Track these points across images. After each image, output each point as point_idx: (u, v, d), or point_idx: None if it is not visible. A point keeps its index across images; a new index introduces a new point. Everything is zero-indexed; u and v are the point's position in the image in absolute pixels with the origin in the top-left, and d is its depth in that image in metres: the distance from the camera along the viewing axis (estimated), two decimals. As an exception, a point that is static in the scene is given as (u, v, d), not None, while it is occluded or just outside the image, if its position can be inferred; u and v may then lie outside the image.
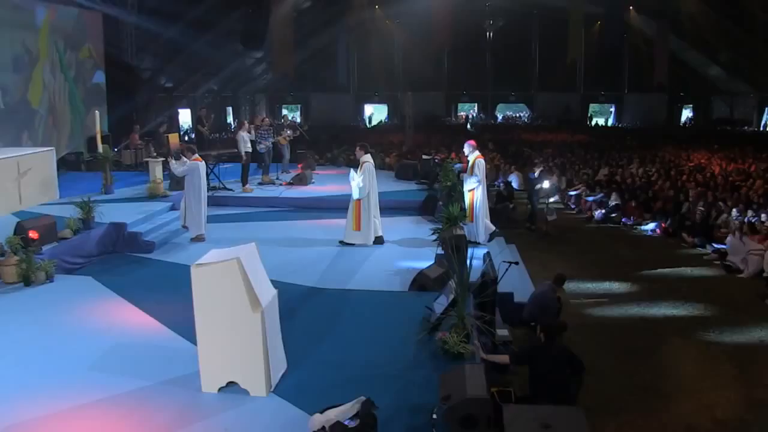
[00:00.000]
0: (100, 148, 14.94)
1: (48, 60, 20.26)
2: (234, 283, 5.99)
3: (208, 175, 16.00)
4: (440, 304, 8.00)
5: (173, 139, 17.49)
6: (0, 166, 13.09)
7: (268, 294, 6.34)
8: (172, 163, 13.55)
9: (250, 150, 16.50)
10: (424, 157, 18.76)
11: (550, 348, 6.90)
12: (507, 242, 14.36)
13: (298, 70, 38.35)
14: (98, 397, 6.34)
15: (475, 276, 8.87)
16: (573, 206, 20.29)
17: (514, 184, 22.57)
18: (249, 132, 16.65)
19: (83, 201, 11.76)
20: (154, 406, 6.16)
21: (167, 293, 9.37)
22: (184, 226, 12.85)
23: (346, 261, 11.39)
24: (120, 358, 7.26)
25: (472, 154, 12.76)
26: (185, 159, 13.13)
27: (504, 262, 9.22)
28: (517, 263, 10.55)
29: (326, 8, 36.76)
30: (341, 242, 12.34)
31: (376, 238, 12.42)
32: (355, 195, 12.22)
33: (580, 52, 39.72)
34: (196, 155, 12.97)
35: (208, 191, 15.50)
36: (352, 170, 12.45)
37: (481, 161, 12.70)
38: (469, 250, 10.27)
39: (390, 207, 15.16)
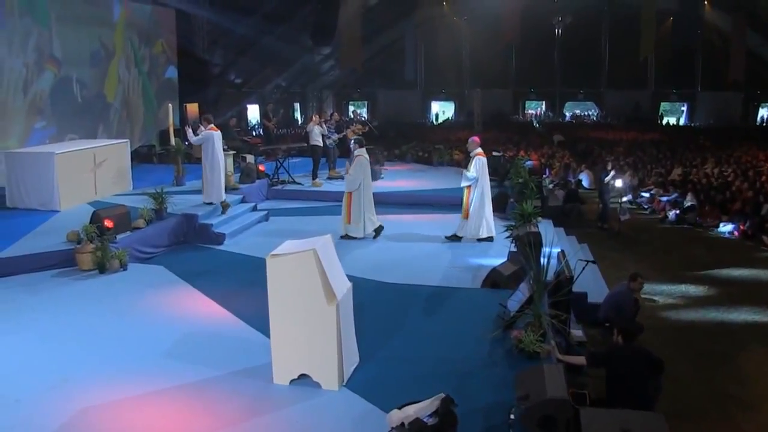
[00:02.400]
0: (173, 141, 15.13)
1: (123, 55, 20.74)
2: (309, 275, 5.90)
3: (277, 168, 16.20)
4: (515, 301, 7.79)
5: (192, 108, 17.40)
6: (77, 157, 13.44)
7: (343, 286, 6.24)
8: (189, 132, 13.52)
9: (321, 144, 16.51)
10: (493, 153, 18.43)
11: (629, 350, 6.66)
12: (579, 242, 14.05)
13: (366, 66, 38.40)
14: (170, 384, 6.37)
15: (549, 274, 8.63)
16: (646, 206, 19.73)
17: (585, 183, 22.14)
18: (320, 126, 16.65)
19: (156, 192, 11.92)
20: (225, 395, 6.14)
21: (238, 284, 9.41)
22: (207, 203, 12.93)
23: (415, 256, 11.23)
24: (191, 346, 7.28)
25: (473, 151, 12.40)
26: (202, 128, 13.24)
27: (581, 260, 8.93)
28: (594, 262, 10.25)
29: (394, 4, 36.65)
30: (343, 237, 12.20)
31: (375, 229, 12.31)
32: (346, 187, 12.21)
33: (651, 48, 38.58)
34: (212, 125, 13.15)
35: (277, 185, 15.73)
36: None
37: (481, 159, 12.24)
38: (543, 249, 10.06)
39: (456, 203, 14.89)
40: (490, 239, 12.15)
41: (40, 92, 17.10)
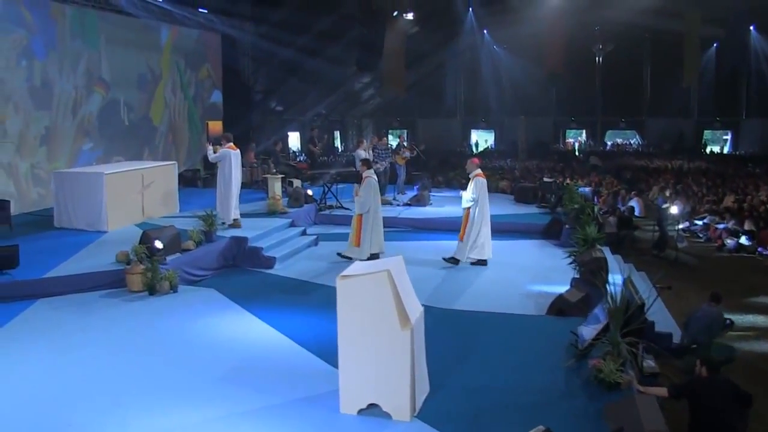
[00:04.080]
0: (219, 164, 14.99)
1: (169, 79, 20.80)
2: (383, 297, 5.54)
3: (325, 193, 15.95)
4: (588, 329, 7.36)
5: (214, 126, 17.24)
6: (126, 178, 13.34)
7: (415, 310, 5.87)
8: (210, 149, 13.42)
9: (368, 168, 16.21)
10: (545, 179, 18.08)
11: (714, 382, 6.20)
12: (636, 269, 13.53)
13: (406, 93, 38.24)
14: (229, 411, 6.04)
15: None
16: (701, 234, 19.08)
17: (636, 211, 21.54)
18: (367, 151, 16.37)
19: (207, 214, 11.71)
20: (289, 425, 5.78)
21: (292, 309, 9.13)
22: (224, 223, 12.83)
23: (474, 282, 10.84)
24: (249, 372, 6.95)
25: (472, 172, 11.99)
26: (219, 147, 13.18)
27: (657, 286, 8.46)
28: (670, 288, 9.77)
29: (435, 32, 36.55)
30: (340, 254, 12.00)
31: (371, 254, 11.85)
32: (356, 209, 11.95)
33: (695, 76, 37.86)
34: (231, 143, 13.16)
35: (324, 210, 15.47)
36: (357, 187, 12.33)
37: (481, 180, 11.86)
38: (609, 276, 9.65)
39: (511, 230, 14.68)
40: (483, 263, 11.78)
41: (89, 115, 17.14)
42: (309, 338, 7.71)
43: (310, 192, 15.81)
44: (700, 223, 19.57)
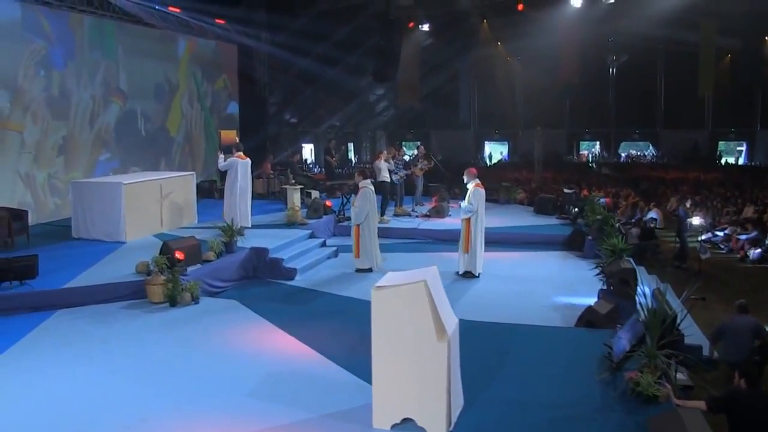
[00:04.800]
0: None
1: (186, 90, 20.78)
2: (419, 308, 5.36)
3: (343, 204, 15.80)
4: (622, 341, 7.16)
5: (226, 135, 17.25)
6: (144, 188, 13.25)
7: (451, 322, 5.69)
8: (220, 158, 13.87)
9: (389, 180, 16.06)
10: (565, 190, 17.89)
11: (754, 395, 5.98)
12: (660, 281, 13.30)
13: (420, 105, 38.14)
14: (258, 426, 5.87)
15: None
16: (722, 246, 18.82)
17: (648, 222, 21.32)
18: (387, 161, 16.21)
19: (227, 225, 11.58)
20: (321, 440, 5.61)
21: (317, 321, 8.99)
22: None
23: (498, 294, 10.64)
24: (277, 385, 6.78)
25: (470, 182, 11.80)
26: (229, 156, 13.78)
27: (692, 297, 8.25)
28: (704, 299, 9.55)
29: (449, 44, 36.48)
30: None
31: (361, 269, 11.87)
32: (353, 220, 11.82)
33: (711, 87, 37.54)
34: (240, 152, 13.76)
35: (343, 221, 15.32)
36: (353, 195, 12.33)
37: (479, 190, 11.65)
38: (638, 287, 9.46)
39: (532, 242, 14.57)
40: (472, 275, 11.57)
41: (106, 125, 17.10)
42: (337, 351, 7.55)
43: (329, 203, 15.66)
44: (720, 234, 19.33)
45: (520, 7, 27.67)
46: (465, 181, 12.16)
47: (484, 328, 8.61)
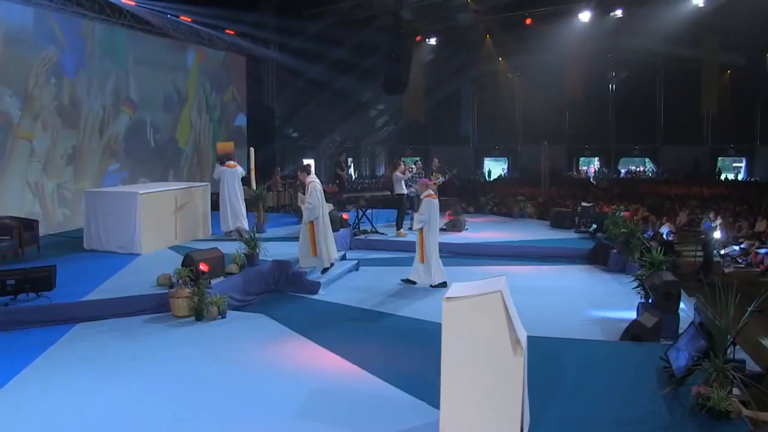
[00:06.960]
0: (254, 185, 14.57)
1: (195, 101, 20.50)
2: (495, 320, 5.00)
3: (359, 218, 15.48)
4: (682, 354, 6.85)
5: (222, 147, 17.07)
6: (160, 199, 12.85)
7: (523, 335, 5.33)
8: (217, 167, 14.44)
9: (404, 192, 15.74)
10: (583, 204, 17.61)
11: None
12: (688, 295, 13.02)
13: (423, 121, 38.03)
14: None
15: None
16: (740, 260, 18.58)
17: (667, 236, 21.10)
18: (404, 173, 15.88)
19: (250, 236, 11.19)
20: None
21: (352, 335, 8.59)
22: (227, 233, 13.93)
23: (531, 307, 10.19)
24: (325, 404, 6.35)
25: (423, 193, 11.58)
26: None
27: (754, 310, 7.94)
28: (761, 311, 9.25)
29: (449, 60, 36.40)
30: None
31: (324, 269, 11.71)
32: (306, 217, 11.46)
33: (713, 102, 37.48)
34: (231, 162, 14.36)
35: (359, 234, 14.98)
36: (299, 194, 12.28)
37: (431, 201, 11.42)
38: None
39: (553, 255, 14.29)
40: (444, 285, 11.24)
41: (115, 135, 16.79)
42: (381, 367, 7.14)
43: (345, 216, 15.32)
44: (737, 248, 19.12)
45: (528, 21, 27.56)
46: (418, 193, 12.15)
47: (530, 342, 8.25)
